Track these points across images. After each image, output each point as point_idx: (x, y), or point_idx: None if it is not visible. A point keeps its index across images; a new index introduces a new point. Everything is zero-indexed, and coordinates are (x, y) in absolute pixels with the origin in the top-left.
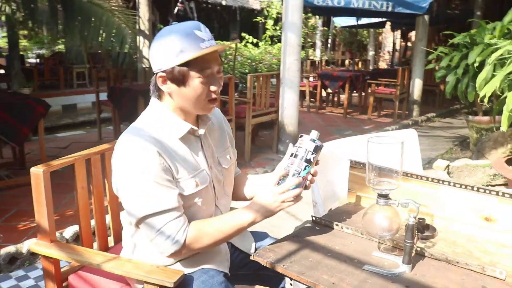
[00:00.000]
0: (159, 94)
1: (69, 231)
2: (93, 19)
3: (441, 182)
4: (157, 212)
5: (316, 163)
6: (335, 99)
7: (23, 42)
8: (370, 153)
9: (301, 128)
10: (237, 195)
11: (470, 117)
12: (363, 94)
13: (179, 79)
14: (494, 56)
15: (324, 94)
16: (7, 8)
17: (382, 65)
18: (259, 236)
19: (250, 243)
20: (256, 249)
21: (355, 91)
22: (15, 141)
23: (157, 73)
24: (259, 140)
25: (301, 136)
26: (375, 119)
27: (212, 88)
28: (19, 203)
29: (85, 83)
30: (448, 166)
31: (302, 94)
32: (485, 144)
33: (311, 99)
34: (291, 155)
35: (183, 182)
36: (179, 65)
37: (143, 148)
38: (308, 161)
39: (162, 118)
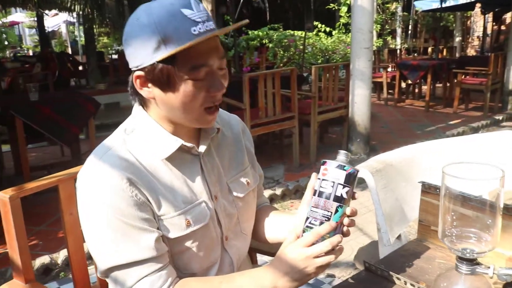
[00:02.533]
0: (141, 99)
1: (37, 263)
2: None
3: None
4: (125, 264)
5: (353, 198)
6: (416, 90)
7: (104, 39)
8: (447, 188)
9: (376, 124)
10: (255, 234)
11: None
12: (448, 84)
13: (162, 80)
14: None
15: (404, 85)
16: (77, 7)
17: (471, 52)
18: None
19: None
20: None
21: (438, 82)
22: (64, 141)
23: (133, 71)
24: (328, 137)
25: (323, 163)
26: (462, 113)
27: (212, 92)
28: None
29: None
30: None
31: (379, 86)
32: None
33: (389, 91)
34: (314, 194)
35: (167, 220)
36: (161, 61)
37: (107, 176)
38: (339, 199)
39: (143, 131)
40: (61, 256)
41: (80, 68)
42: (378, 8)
